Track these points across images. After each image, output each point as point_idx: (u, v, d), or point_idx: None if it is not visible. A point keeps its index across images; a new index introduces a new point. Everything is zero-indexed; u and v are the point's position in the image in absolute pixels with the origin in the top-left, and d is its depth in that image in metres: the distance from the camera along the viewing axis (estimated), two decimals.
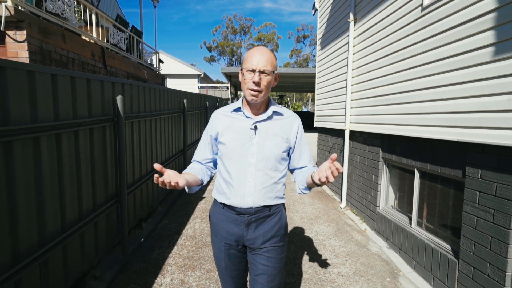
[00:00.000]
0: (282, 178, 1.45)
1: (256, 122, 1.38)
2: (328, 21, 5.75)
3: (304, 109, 50.73)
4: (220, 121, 1.44)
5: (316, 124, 6.56)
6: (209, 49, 56.87)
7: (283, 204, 1.51)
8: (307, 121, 11.33)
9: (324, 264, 3.13)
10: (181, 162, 5.86)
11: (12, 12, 3.69)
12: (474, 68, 2.23)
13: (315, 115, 6.59)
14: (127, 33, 7.46)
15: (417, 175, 3.11)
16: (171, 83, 17.01)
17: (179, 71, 17.77)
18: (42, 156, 1.96)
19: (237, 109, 1.43)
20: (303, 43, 55.05)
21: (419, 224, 3.11)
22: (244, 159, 1.37)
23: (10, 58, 3.84)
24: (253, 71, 1.28)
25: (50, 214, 2.07)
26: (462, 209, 2.39)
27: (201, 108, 7.65)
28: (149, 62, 9.48)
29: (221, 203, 1.44)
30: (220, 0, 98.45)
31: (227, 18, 58.51)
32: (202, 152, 1.52)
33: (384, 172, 3.78)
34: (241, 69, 1.36)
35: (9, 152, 1.71)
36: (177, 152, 5.55)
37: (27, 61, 3.90)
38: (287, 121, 1.44)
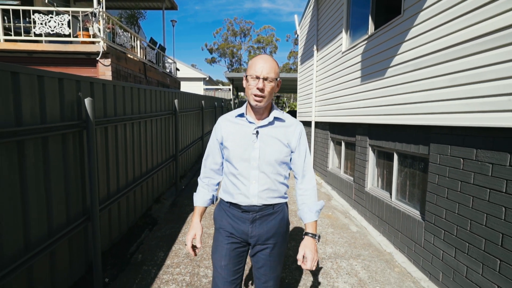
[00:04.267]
0: (285, 179, 1.51)
1: (258, 127, 1.44)
2: (304, 45, 8.12)
3: None
4: (225, 126, 1.50)
5: (299, 119, 8.93)
6: (210, 51, 59.23)
7: (286, 202, 1.57)
8: None
9: (291, 196, 5.50)
10: (200, 145, 8.22)
11: (105, 48, 6.07)
12: (359, 87, 4.59)
13: (297, 112, 8.97)
14: (155, 50, 9.84)
15: (343, 144, 5.49)
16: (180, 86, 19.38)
17: (187, 74, 20.17)
18: (140, 132, 4.34)
19: (241, 115, 1.49)
20: None
21: (345, 172, 5.49)
22: (247, 163, 1.43)
23: (100, 76, 6.22)
24: (257, 78, 1.35)
25: (149, 160, 4.46)
26: (357, 156, 4.76)
27: (211, 107, 10.02)
28: (168, 71, 11.86)
29: (227, 202, 1.51)
30: (219, 0, 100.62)
31: (227, 21, 60.90)
32: (214, 157, 1.58)
33: (331, 146, 6.16)
34: (246, 76, 1.42)
35: (125, 130, 4.09)
36: (198, 137, 7.92)
37: (110, 78, 6.27)
38: (290, 129, 1.49)
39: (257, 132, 1.44)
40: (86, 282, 2.70)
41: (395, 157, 3.65)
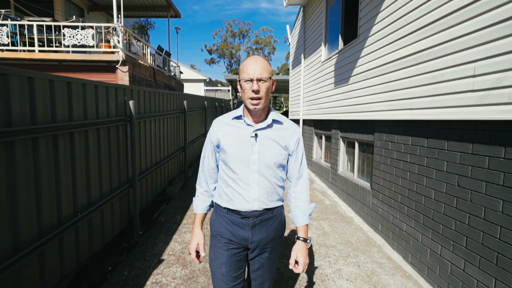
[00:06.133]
0: (283, 182, 1.53)
1: (257, 130, 1.42)
2: (294, 52, 9.23)
3: None
4: (222, 128, 1.47)
5: (290, 117, 10.05)
6: (210, 51, 60.37)
7: (282, 205, 1.57)
8: None
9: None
10: (202, 141, 9.32)
11: (124, 57, 7.17)
12: (333, 90, 5.69)
13: (289, 111, 10.07)
14: (162, 56, 10.94)
15: (323, 137, 6.60)
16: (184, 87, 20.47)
17: (189, 76, 21.26)
18: (160, 127, 5.44)
19: (238, 117, 1.46)
20: None
21: (325, 160, 6.60)
22: (246, 166, 1.41)
23: (119, 81, 7.30)
24: (251, 80, 1.33)
25: (165, 149, 5.56)
26: (332, 146, 5.86)
27: (212, 107, 11.11)
28: (173, 74, 12.96)
29: (225, 208, 1.48)
30: (217, 1, 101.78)
31: (226, 22, 61.98)
32: (209, 162, 1.55)
33: (315, 139, 7.28)
34: (239, 81, 1.40)
35: (150, 124, 5.20)
36: (201, 134, 9.02)
37: (127, 83, 7.36)
38: (288, 132, 1.48)
39: (256, 135, 1.42)
40: (126, 233, 3.79)
41: (356, 145, 4.75)
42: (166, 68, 11.53)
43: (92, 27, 7.18)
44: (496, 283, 2.07)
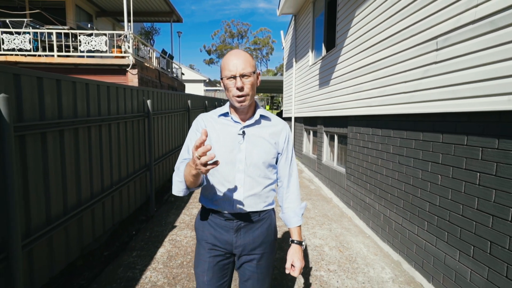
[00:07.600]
0: (272, 184, 1.43)
1: (244, 127, 1.36)
2: (287, 56, 10.08)
3: None
4: (209, 123, 1.40)
5: (284, 115, 10.90)
6: (209, 52, 61.27)
7: (273, 209, 1.48)
8: None
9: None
10: None
11: (134, 61, 7.99)
12: (318, 91, 6.54)
13: (283, 110, 10.92)
14: (166, 59, 11.77)
15: (311, 132, 7.45)
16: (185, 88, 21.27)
17: (189, 77, 22.07)
18: (169, 122, 6.29)
19: (225, 114, 1.40)
20: None
21: (313, 152, 7.46)
22: (233, 165, 1.34)
23: (129, 83, 8.13)
24: (234, 77, 1.26)
25: (173, 142, 6.40)
26: (317, 140, 6.71)
27: (212, 106, 11.94)
28: (175, 75, 13.80)
29: (209, 209, 1.42)
30: (215, 0, 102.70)
31: (225, 23, 62.89)
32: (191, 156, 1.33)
33: (304, 135, 8.13)
34: (221, 78, 1.32)
35: (162, 120, 6.05)
36: None
37: (137, 84, 8.19)
38: (277, 129, 1.42)
39: (243, 132, 1.35)
40: (143, 209, 4.63)
41: (336, 137, 5.60)
42: (169, 70, 12.36)
43: (105, 34, 8.01)
44: (418, 229, 2.92)
